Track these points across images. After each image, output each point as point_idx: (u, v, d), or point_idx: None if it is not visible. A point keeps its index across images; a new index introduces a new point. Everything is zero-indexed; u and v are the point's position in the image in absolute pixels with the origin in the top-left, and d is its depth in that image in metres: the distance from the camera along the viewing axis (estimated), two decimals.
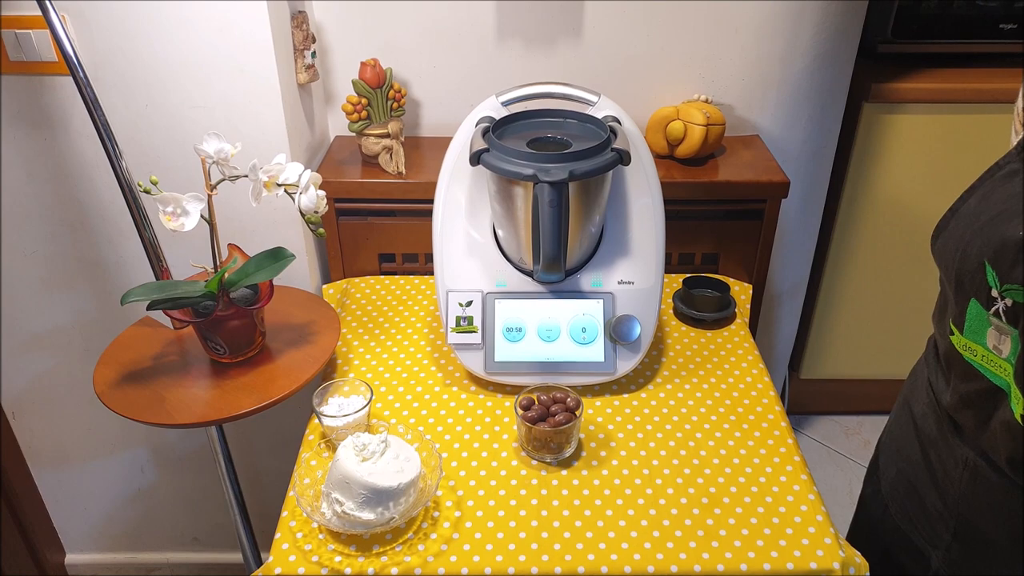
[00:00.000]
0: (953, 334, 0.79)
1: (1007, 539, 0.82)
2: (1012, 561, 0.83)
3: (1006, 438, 0.75)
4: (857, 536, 1.11)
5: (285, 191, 1.04)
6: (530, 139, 1.08)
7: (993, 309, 0.71)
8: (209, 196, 1.02)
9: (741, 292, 1.39)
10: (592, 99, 1.14)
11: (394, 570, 0.89)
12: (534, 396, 1.05)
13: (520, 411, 1.03)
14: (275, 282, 1.11)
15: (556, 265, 1.04)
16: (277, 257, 1.07)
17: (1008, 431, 0.74)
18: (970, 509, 0.85)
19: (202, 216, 1.01)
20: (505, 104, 1.14)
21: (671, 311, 1.33)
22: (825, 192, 1.73)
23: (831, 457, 2.08)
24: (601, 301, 1.14)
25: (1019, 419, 0.71)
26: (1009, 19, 1.61)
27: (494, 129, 1.09)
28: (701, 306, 1.29)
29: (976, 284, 0.72)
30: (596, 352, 1.13)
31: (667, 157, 1.47)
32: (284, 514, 0.97)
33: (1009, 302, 0.69)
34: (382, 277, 1.44)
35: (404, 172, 1.39)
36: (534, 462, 1.03)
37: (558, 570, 0.89)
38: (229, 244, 1.12)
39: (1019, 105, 0.78)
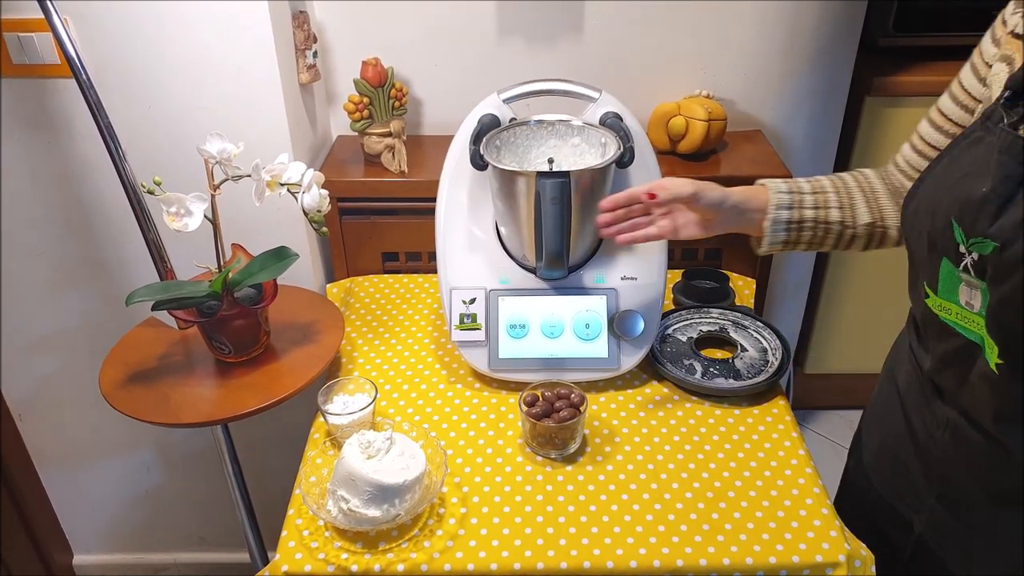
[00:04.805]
0: (928, 296, 0.82)
1: (985, 497, 0.84)
2: (991, 520, 0.85)
3: (986, 391, 0.78)
4: (840, 508, 1.12)
5: (288, 191, 1.04)
6: None
7: (962, 265, 0.74)
8: (212, 196, 1.02)
9: (744, 287, 1.39)
10: (593, 95, 1.14)
11: (400, 567, 0.89)
12: (538, 392, 1.05)
13: (524, 407, 1.03)
14: (279, 281, 1.11)
15: (559, 261, 1.04)
16: (281, 256, 1.08)
17: (987, 383, 0.77)
18: (952, 470, 0.87)
19: (206, 216, 1.01)
20: (507, 101, 1.14)
21: (672, 303, 1.33)
22: None
23: (835, 451, 2.08)
24: (604, 297, 1.14)
25: (994, 368, 0.74)
26: None
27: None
28: (701, 297, 1.30)
29: (946, 243, 0.75)
30: (600, 348, 1.13)
31: (669, 153, 1.47)
32: (290, 512, 0.97)
33: (976, 256, 0.72)
34: (385, 276, 1.44)
35: (406, 171, 1.39)
36: (539, 458, 1.03)
37: (564, 565, 0.89)
38: (233, 244, 1.12)
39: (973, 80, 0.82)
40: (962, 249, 0.73)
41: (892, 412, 0.98)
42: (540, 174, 1.01)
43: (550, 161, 1.11)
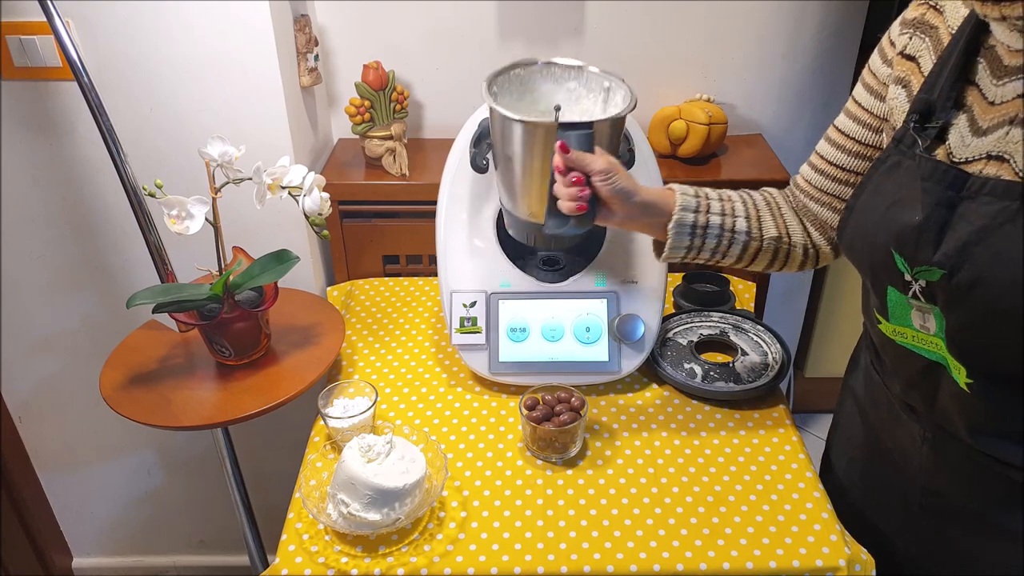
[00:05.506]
0: (880, 322, 0.82)
1: (973, 500, 0.84)
2: (979, 521, 0.85)
3: (958, 409, 0.78)
4: None
5: (289, 193, 1.04)
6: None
7: (910, 292, 0.75)
8: (213, 199, 1.02)
9: (745, 290, 1.39)
10: None
11: (400, 571, 0.89)
12: (538, 396, 1.05)
13: (525, 411, 1.03)
14: (280, 284, 1.11)
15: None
16: (281, 259, 1.08)
17: (958, 401, 0.77)
18: (936, 479, 0.87)
19: (207, 219, 1.01)
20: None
21: (673, 307, 1.33)
22: None
23: None
24: (605, 301, 1.14)
25: (964, 387, 0.75)
26: None
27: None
28: (702, 301, 1.30)
29: (889, 272, 0.76)
30: (600, 352, 1.13)
31: (670, 157, 1.48)
32: (290, 516, 0.97)
33: (923, 283, 0.73)
34: (386, 279, 1.44)
35: (407, 174, 1.40)
36: (539, 462, 1.03)
37: (564, 569, 0.89)
38: (234, 247, 1.13)
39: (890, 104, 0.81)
40: (907, 278, 0.74)
41: (855, 430, 0.99)
42: (562, 125, 0.92)
43: (557, 108, 0.98)
